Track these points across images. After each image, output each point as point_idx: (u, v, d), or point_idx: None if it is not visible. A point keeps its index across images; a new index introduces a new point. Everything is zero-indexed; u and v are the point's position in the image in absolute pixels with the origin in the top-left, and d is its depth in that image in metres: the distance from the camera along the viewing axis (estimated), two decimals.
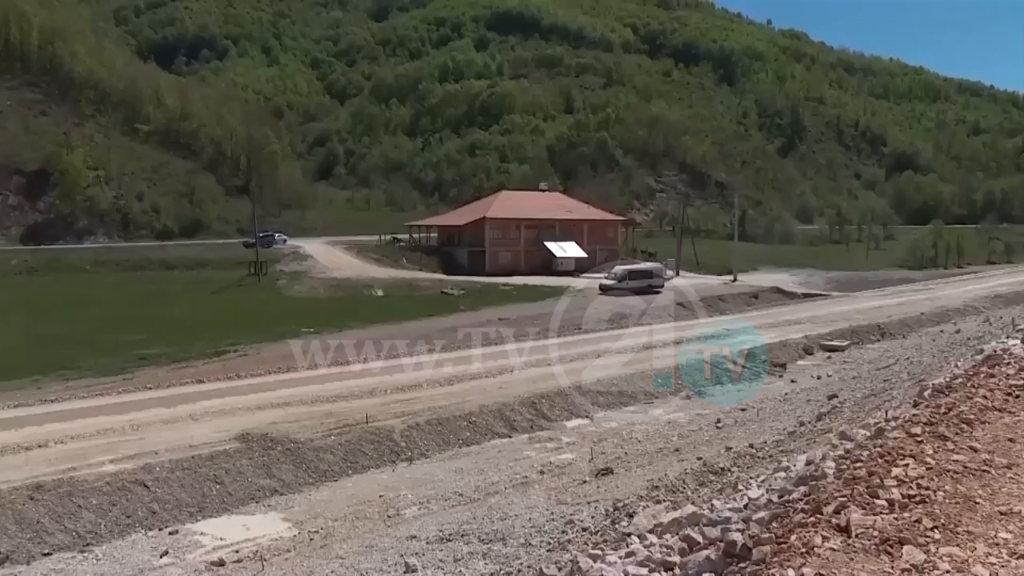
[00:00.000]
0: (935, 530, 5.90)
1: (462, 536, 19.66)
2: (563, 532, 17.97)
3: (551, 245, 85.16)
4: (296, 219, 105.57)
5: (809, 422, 26.26)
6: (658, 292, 69.93)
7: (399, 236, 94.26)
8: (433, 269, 79.52)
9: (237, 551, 21.49)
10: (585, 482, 25.06)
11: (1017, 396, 10.55)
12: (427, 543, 19.51)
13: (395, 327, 50.89)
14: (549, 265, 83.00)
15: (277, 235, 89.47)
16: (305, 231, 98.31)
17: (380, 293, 65.49)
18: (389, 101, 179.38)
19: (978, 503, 6.51)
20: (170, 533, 22.53)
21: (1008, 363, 13.19)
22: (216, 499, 25.02)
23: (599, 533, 15.84)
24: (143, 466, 24.94)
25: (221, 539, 22.35)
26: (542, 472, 27.57)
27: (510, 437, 33.22)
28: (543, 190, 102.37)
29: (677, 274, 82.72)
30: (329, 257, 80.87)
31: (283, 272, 72.37)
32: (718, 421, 33.15)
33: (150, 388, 35.51)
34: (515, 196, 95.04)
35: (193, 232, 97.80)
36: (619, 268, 72.53)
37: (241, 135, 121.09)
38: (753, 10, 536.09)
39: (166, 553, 20.98)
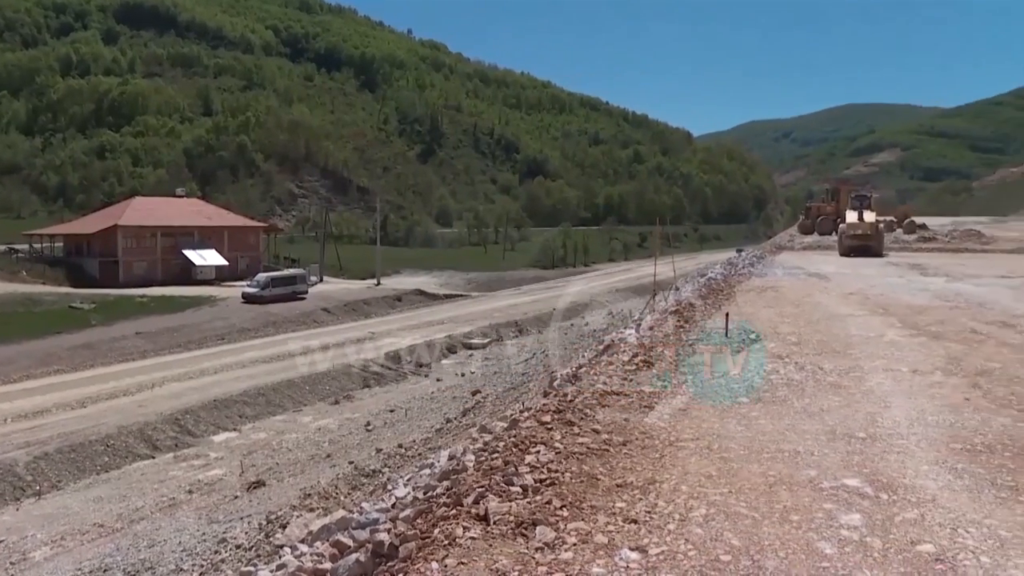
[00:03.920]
0: (563, 508, 6.46)
1: (104, 571, 18.50)
2: (216, 552, 17.50)
3: (190, 253, 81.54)
4: None
5: (455, 418, 27.31)
6: (303, 298, 69.45)
7: (16, 246, 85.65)
8: (59, 282, 72.90)
9: None
10: (237, 497, 24.50)
11: (631, 380, 11.72)
12: None
13: (15, 347, 46.44)
14: (189, 274, 79.43)
15: None
16: None
17: None
18: None
19: (599, 479, 7.20)
20: None
21: (624, 350, 14.49)
22: None
23: (253, 548, 15.62)
24: None
25: None
26: (191, 491, 26.57)
27: (154, 458, 31.63)
28: (180, 196, 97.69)
29: (321, 280, 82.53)
30: None
31: None
32: (368, 424, 33.62)
33: None
34: (150, 202, 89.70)
35: None
36: (262, 275, 71.18)
37: None
38: (394, 19, 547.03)
39: None
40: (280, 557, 10.50)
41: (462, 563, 5.51)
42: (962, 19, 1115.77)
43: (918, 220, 60.23)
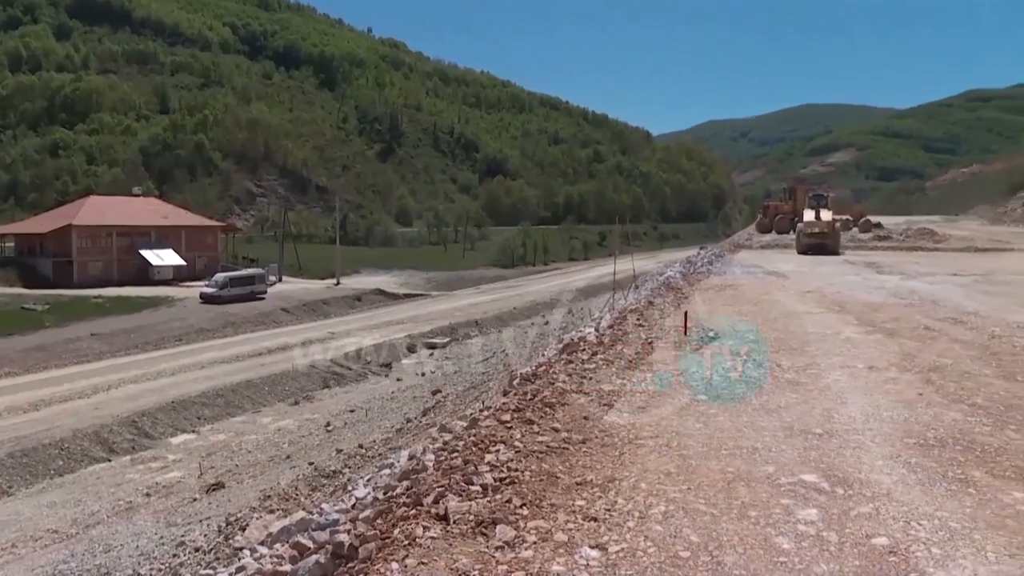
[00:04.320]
0: (524, 507, 6.47)
1: None
2: (175, 556, 17.32)
3: (147, 253, 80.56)
4: None
5: (415, 418, 27.26)
6: (261, 299, 68.93)
7: None
8: (11, 282, 71.58)
9: None
10: (196, 500, 24.29)
11: (591, 378, 11.75)
12: None
13: None
14: (146, 274, 78.46)
15: None
16: None
17: None
18: None
19: (559, 478, 7.22)
20: None
21: (583, 349, 14.53)
22: None
23: (212, 551, 15.50)
24: None
25: None
26: (148, 494, 26.25)
27: (110, 461, 31.21)
28: (136, 195, 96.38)
29: (280, 280, 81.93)
30: None
31: None
32: (328, 424, 33.47)
33: None
34: (105, 201, 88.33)
35: None
36: (220, 275, 70.54)
37: None
38: (354, 17, 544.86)
39: None
40: (239, 559, 10.42)
41: (422, 563, 5.50)
42: (914, 24, 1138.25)
43: (873, 219, 61.11)
